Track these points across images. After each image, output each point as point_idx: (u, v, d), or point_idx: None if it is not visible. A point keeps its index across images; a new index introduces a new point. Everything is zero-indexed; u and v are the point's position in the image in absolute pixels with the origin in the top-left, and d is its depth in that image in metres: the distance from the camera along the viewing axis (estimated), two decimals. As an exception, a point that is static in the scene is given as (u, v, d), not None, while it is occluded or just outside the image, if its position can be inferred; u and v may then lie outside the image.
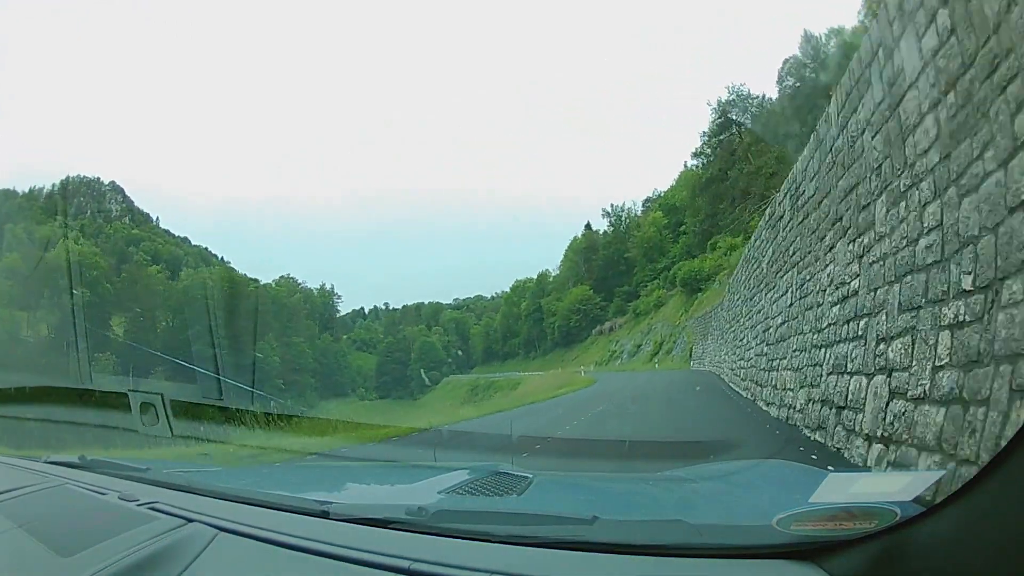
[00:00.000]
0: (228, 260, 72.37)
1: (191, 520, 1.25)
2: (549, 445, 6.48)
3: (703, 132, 55.81)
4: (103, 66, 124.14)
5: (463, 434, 8.45)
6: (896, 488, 0.91)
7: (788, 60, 44.66)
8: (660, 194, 69.76)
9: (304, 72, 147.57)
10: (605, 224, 74.42)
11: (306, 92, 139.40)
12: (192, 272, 60.82)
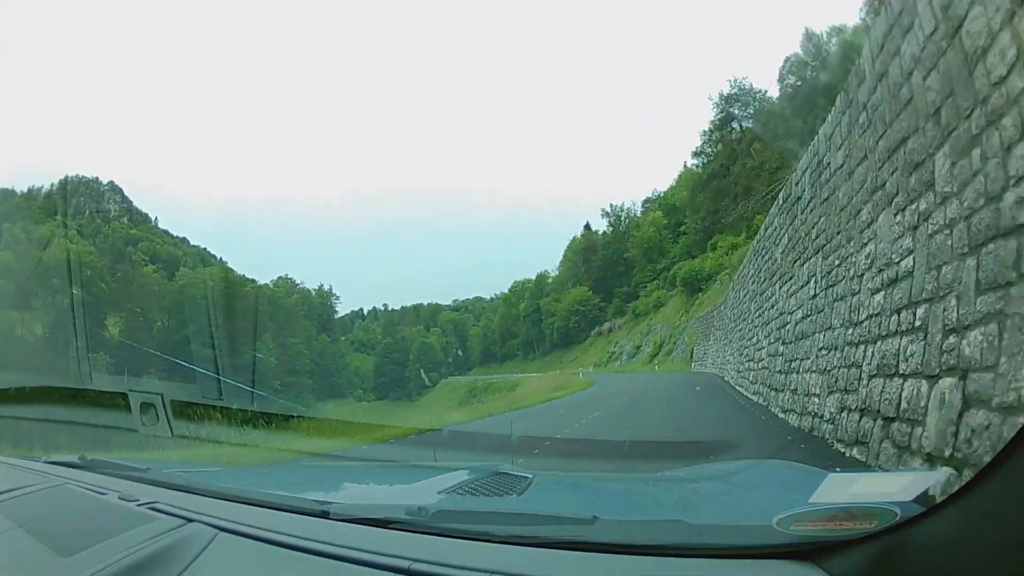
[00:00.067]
0: (226, 260, 72.51)
1: (191, 520, 1.25)
2: (548, 447, 6.48)
3: (704, 131, 56.02)
4: (103, 66, 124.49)
5: (462, 434, 8.43)
6: (896, 488, 0.91)
7: (789, 59, 44.69)
8: (660, 194, 70.03)
9: (304, 72, 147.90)
10: (604, 224, 74.75)
11: (306, 92, 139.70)
12: (189, 272, 60.75)
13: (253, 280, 62.56)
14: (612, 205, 74.56)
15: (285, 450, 6.26)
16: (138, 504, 1.38)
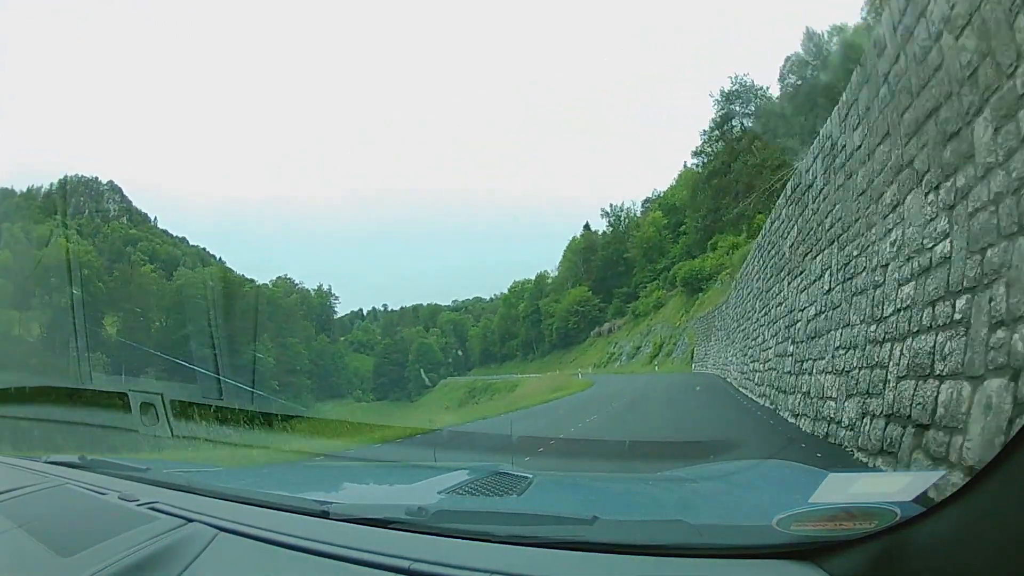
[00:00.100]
0: (225, 260, 72.48)
1: (191, 520, 1.25)
2: (548, 447, 6.47)
3: (704, 130, 55.95)
4: (103, 66, 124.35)
5: (462, 435, 8.42)
6: (896, 488, 0.91)
7: (790, 58, 44.68)
8: (660, 194, 69.92)
9: (304, 72, 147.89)
10: (604, 224, 74.62)
11: (306, 92, 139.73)
12: (188, 272, 60.72)
13: (252, 280, 62.50)
14: (612, 205, 74.57)
15: (285, 450, 6.26)
16: (138, 504, 1.38)
